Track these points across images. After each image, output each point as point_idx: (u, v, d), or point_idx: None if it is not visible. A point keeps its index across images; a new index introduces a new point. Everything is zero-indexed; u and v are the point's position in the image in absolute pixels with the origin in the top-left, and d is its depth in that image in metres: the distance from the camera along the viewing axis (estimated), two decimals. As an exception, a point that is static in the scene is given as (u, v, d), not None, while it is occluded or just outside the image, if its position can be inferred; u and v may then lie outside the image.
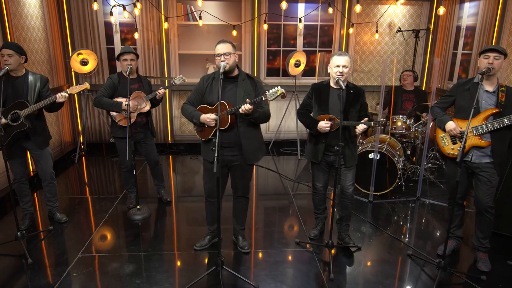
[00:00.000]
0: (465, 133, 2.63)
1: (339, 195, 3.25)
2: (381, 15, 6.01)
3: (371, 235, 3.61)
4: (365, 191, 4.40)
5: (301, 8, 5.93)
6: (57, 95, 3.19)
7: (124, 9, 5.26)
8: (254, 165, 3.20)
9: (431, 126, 4.56)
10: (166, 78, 5.90)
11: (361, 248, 3.34)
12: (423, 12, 6.09)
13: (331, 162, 3.21)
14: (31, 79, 3.24)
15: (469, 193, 3.22)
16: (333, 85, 3.13)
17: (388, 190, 4.35)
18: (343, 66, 2.96)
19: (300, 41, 6.14)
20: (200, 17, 5.59)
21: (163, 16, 5.66)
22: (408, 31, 5.95)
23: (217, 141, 2.55)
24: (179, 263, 3.11)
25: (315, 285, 2.86)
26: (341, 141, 2.85)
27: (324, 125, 3.00)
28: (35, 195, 4.33)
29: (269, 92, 2.74)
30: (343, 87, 2.81)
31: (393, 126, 4.75)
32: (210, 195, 3.21)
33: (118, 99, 3.70)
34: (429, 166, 5.02)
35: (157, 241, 3.45)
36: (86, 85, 3.36)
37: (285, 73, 6.16)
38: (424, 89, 6.20)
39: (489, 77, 2.84)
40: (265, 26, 5.79)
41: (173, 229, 3.76)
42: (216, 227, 3.30)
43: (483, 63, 2.82)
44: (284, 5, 5.28)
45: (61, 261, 3.08)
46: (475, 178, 2.97)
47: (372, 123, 2.96)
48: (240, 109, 2.76)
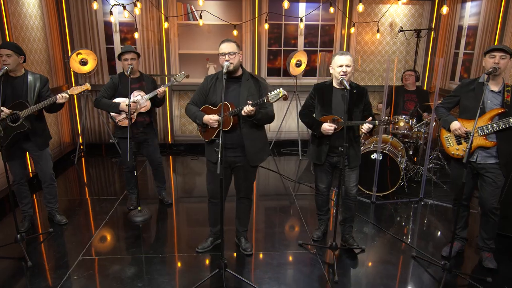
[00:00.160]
0: (472, 134, 2.60)
1: (343, 197, 3.22)
2: (382, 15, 5.98)
3: (374, 237, 3.58)
4: (368, 192, 4.37)
5: (302, 7, 5.90)
6: (58, 96, 3.14)
7: (124, 8, 5.22)
8: (257, 166, 3.16)
9: (434, 126, 4.53)
10: (166, 75, 5.85)
11: (365, 249, 3.31)
12: (424, 11, 6.06)
13: (335, 163, 3.18)
14: (30, 79, 3.20)
15: (472, 194, 3.18)
16: (335, 85, 3.09)
17: (390, 190, 4.32)
18: (346, 65, 2.93)
19: (301, 40, 6.11)
20: (200, 17, 5.55)
21: (163, 15, 5.61)
22: (410, 30, 5.92)
23: (220, 142, 2.52)
24: (181, 266, 3.07)
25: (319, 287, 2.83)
26: (345, 141, 2.81)
27: (328, 127, 2.96)
28: (34, 196, 4.28)
29: (270, 94, 2.70)
30: (348, 87, 2.78)
31: (395, 126, 4.72)
32: (213, 196, 3.17)
33: (118, 99, 3.69)
34: (431, 166, 4.99)
35: (158, 243, 3.41)
36: (87, 86, 3.31)
37: (286, 73, 6.13)
38: (425, 89, 6.18)
39: (494, 77, 2.81)
40: (266, 25, 5.75)
41: (175, 231, 3.72)
42: (218, 229, 3.27)
43: (489, 62, 2.79)
44: (286, 4, 5.24)
45: (62, 264, 3.03)
46: (480, 179, 2.95)
47: (377, 122, 2.93)
48: (242, 110, 2.72)
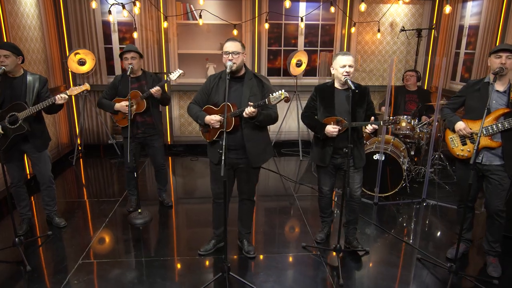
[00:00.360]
0: (479, 135, 2.57)
1: (346, 198, 3.18)
2: (383, 15, 5.94)
3: (378, 238, 3.54)
4: (370, 193, 4.34)
5: (302, 7, 5.86)
6: (57, 97, 3.08)
7: (123, 7, 5.15)
8: (260, 168, 3.12)
9: (436, 126, 4.49)
10: (163, 72, 5.79)
11: (369, 251, 3.27)
12: (425, 11, 6.04)
13: (338, 164, 3.13)
14: (29, 79, 3.13)
15: (477, 195, 3.15)
16: (337, 85, 3.05)
17: (393, 191, 4.29)
18: (349, 65, 2.90)
19: (301, 40, 6.06)
20: (200, 16, 5.50)
21: (163, 15, 5.55)
22: (411, 30, 5.88)
23: (223, 144, 2.47)
24: (183, 269, 3.02)
25: (324, 291, 2.79)
26: (350, 143, 2.77)
27: (332, 129, 2.92)
28: (32, 198, 4.21)
29: (272, 96, 2.66)
30: (353, 88, 2.73)
31: (397, 126, 4.69)
32: (217, 197, 3.13)
33: (117, 100, 3.69)
34: (433, 167, 4.96)
35: (159, 246, 3.36)
36: (86, 86, 3.26)
37: (286, 73, 6.09)
38: (426, 88, 6.15)
39: (500, 77, 2.78)
40: (266, 25, 5.70)
41: (176, 233, 3.67)
42: (221, 231, 3.22)
43: (495, 63, 2.76)
44: (287, 3, 5.20)
45: (61, 268, 2.97)
46: (485, 181, 2.91)
47: (381, 122, 2.89)
48: (243, 112, 2.68)
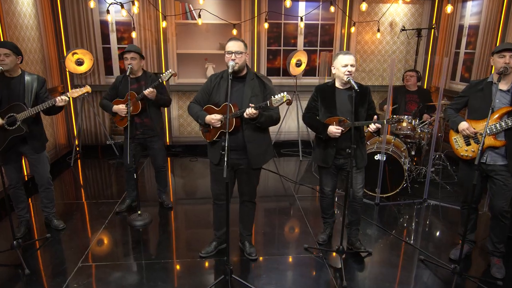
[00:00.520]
0: (484, 135, 2.55)
1: (349, 199, 3.14)
2: (382, 14, 5.93)
3: (380, 239, 3.51)
4: (371, 193, 4.31)
5: (302, 6, 5.83)
6: (57, 99, 3.03)
7: (122, 7, 5.11)
8: (260, 169, 3.08)
9: (438, 126, 4.48)
10: (159, 73, 5.74)
11: (371, 253, 3.24)
12: (424, 11, 6.02)
13: (340, 165, 3.11)
14: (27, 79, 3.08)
15: (481, 196, 3.13)
16: (338, 85, 3.03)
17: (394, 192, 4.27)
18: (351, 65, 2.88)
19: (300, 40, 6.04)
20: (199, 16, 5.46)
21: (161, 14, 5.51)
22: (412, 29, 5.86)
23: (226, 145, 2.44)
24: (184, 272, 2.98)
25: (327, 293, 2.76)
26: (353, 143, 2.75)
27: (335, 130, 2.89)
28: (30, 200, 4.15)
29: (274, 98, 2.63)
30: (356, 87, 2.71)
31: (398, 126, 4.67)
32: (217, 198, 3.09)
33: (116, 101, 3.68)
34: (434, 167, 4.95)
35: (160, 248, 3.31)
36: (87, 89, 3.22)
37: (286, 73, 6.06)
38: (425, 87, 6.13)
39: (504, 76, 2.77)
40: (266, 25, 5.67)
41: (176, 235, 3.62)
42: (223, 233, 3.19)
43: (499, 62, 2.75)
44: (288, 3, 5.18)
45: (60, 271, 2.92)
46: (489, 181, 2.90)
47: (385, 121, 2.87)
48: (244, 113, 2.64)
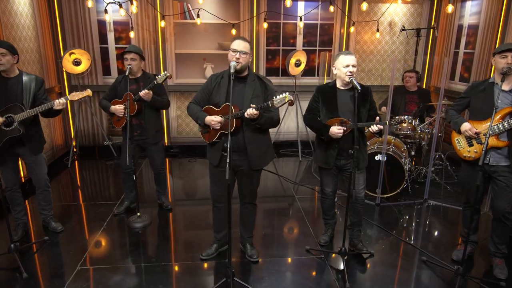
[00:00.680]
0: (487, 135, 2.53)
1: (352, 200, 3.12)
2: (381, 14, 5.91)
3: (381, 240, 3.49)
4: (372, 194, 4.29)
5: (301, 6, 5.81)
6: (55, 103, 2.99)
7: (120, 6, 5.06)
8: (261, 170, 3.05)
9: (438, 126, 4.47)
10: (157, 75, 5.68)
11: (374, 254, 3.22)
12: (423, 10, 6.02)
13: (342, 166, 3.09)
14: (25, 80, 3.03)
15: (483, 197, 3.12)
16: (340, 86, 3.00)
17: (395, 192, 4.25)
18: (352, 65, 2.85)
19: (300, 40, 6.01)
20: (198, 15, 5.42)
21: (160, 14, 5.46)
22: (412, 29, 5.85)
23: (228, 146, 2.40)
24: (185, 274, 2.94)
25: (330, 295, 2.73)
26: (356, 144, 2.72)
27: (336, 130, 2.86)
28: (27, 202, 4.09)
29: (276, 98, 2.60)
30: (358, 88, 2.68)
31: (398, 126, 4.65)
32: (217, 200, 3.05)
33: (114, 101, 3.66)
34: (433, 167, 4.94)
35: (160, 251, 3.27)
36: (88, 92, 3.16)
37: (285, 73, 6.03)
38: (424, 87, 6.13)
39: (506, 76, 2.75)
40: (265, 24, 5.64)
41: (176, 237, 3.58)
42: (223, 235, 3.16)
43: (500, 63, 2.74)
44: (288, 2, 5.15)
45: (59, 275, 2.88)
46: (492, 182, 2.88)
47: (387, 122, 2.85)
48: (245, 113, 2.61)
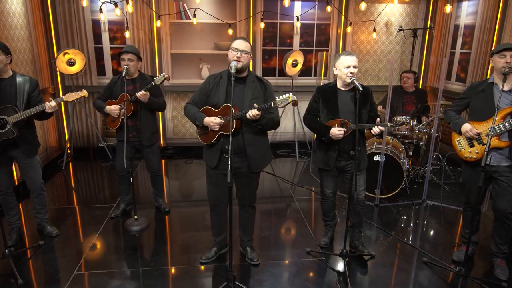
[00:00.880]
0: (490, 136, 2.52)
1: (353, 202, 3.09)
2: (378, 14, 5.91)
3: (382, 241, 3.47)
4: (370, 195, 4.27)
5: (298, 6, 5.78)
6: (46, 106, 2.92)
7: (116, 6, 4.99)
8: (260, 172, 3.01)
9: (437, 126, 4.47)
10: (153, 76, 5.63)
11: (374, 255, 3.20)
12: (419, 11, 6.02)
13: (342, 167, 3.06)
14: (19, 81, 2.95)
15: (484, 197, 3.12)
16: (340, 86, 2.98)
17: (394, 193, 4.24)
18: (353, 66, 2.83)
19: (296, 40, 5.98)
20: (194, 15, 5.37)
21: (155, 14, 5.39)
22: (409, 29, 5.85)
23: (230, 148, 2.36)
24: (184, 279, 2.89)
25: (332, 298, 2.70)
26: (357, 145, 2.69)
27: (337, 132, 2.83)
28: (20, 205, 4.00)
29: (278, 98, 2.56)
30: (360, 89, 2.66)
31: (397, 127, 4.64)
32: (215, 204, 3.01)
33: (109, 102, 3.59)
34: (431, 167, 4.94)
35: (158, 255, 3.21)
36: (83, 93, 3.09)
37: (281, 73, 6.00)
38: (420, 87, 6.13)
39: (507, 76, 2.75)
40: (262, 24, 5.60)
41: (175, 240, 3.52)
42: (222, 238, 3.12)
43: (499, 62, 2.73)
44: (286, 2, 5.12)
45: (55, 280, 2.81)
46: (493, 182, 2.87)
47: (389, 124, 2.83)
48: (247, 114, 2.57)
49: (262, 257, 3.14)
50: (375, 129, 2.78)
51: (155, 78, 3.46)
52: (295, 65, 5.59)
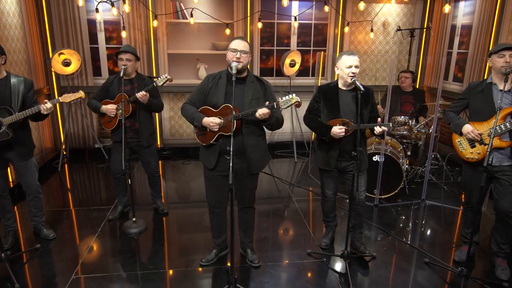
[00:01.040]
0: (492, 136, 2.51)
1: (355, 203, 3.07)
2: (375, 14, 5.90)
3: (383, 242, 3.46)
4: (370, 195, 4.26)
5: (295, 6, 5.76)
6: (42, 108, 2.87)
7: (112, 5, 4.93)
8: (259, 173, 2.98)
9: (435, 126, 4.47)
10: (153, 76, 5.58)
11: (376, 256, 3.18)
12: (416, 11, 6.03)
13: (343, 168, 3.04)
14: (14, 82, 2.89)
15: (484, 197, 3.12)
16: (341, 86, 2.96)
17: (393, 193, 4.23)
18: (355, 66, 2.81)
19: (294, 40, 5.96)
20: (191, 15, 5.32)
21: (152, 13, 5.34)
22: (407, 29, 5.85)
23: (231, 149, 2.33)
24: (184, 282, 2.85)
25: (334, 300, 2.68)
26: (359, 145, 2.68)
27: (338, 130, 2.81)
28: (16, 208, 3.93)
29: (281, 99, 2.54)
30: (362, 89, 2.64)
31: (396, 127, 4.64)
32: (214, 206, 2.97)
33: (106, 102, 3.54)
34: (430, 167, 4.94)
35: (158, 257, 3.17)
36: (81, 94, 3.04)
37: (279, 73, 5.98)
38: (418, 87, 6.14)
39: (506, 76, 2.74)
40: (259, 24, 5.57)
41: (174, 242, 3.47)
42: (223, 240, 3.10)
43: (499, 62, 2.73)
44: (285, 2, 5.10)
45: (53, 284, 2.76)
46: (495, 182, 2.87)
47: (391, 124, 2.81)
48: (256, 113, 2.54)
49: (262, 259, 3.10)
50: (378, 129, 2.77)
51: (157, 78, 3.42)
52: (293, 65, 5.57)
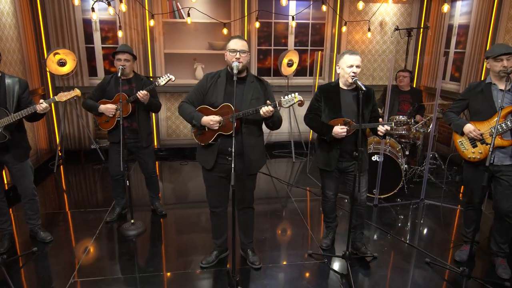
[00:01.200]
0: (494, 136, 2.51)
1: (356, 203, 3.05)
2: (373, 14, 5.90)
3: (382, 242, 3.45)
4: (369, 195, 4.24)
5: (293, 5, 5.74)
6: (37, 107, 2.82)
7: (109, 4, 4.88)
8: (257, 174, 2.95)
9: (434, 126, 4.47)
10: (152, 77, 5.54)
11: (377, 257, 3.17)
12: (413, 10, 6.04)
13: (344, 168, 3.02)
14: (8, 82, 2.84)
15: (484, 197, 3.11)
16: (343, 86, 2.94)
17: (392, 192, 4.23)
18: (356, 66, 2.79)
19: (291, 39, 5.94)
20: (188, 14, 5.28)
21: (149, 13, 5.29)
22: (405, 29, 5.85)
23: (233, 150, 2.30)
24: (184, 284, 2.81)
25: (336, 302, 2.66)
26: (360, 146, 2.66)
27: (340, 130, 2.79)
28: (11, 211, 3.86)
29: (284, 98, 2.53)
30: (363, 89, 2.62)
31: (394, 126, 4.63)
32: (214, 206, 2.94)
33: (103, 102, 3.48)
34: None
35: (156, 260, 3.13)
36: (76, 92, 2.99)
37: (276, 73, 5.95)
38: (415, 86, 6.15)
39: (504, 77, 2.75)
40: (257, 24, 5.54)
41: (173, 244, 3.43)
42: (223, 241, 3.06)
43: (497, 66, 2.75)
44: (284, 1, 5.08)
45: (50, 289, 2.72)
46: (495, 181, 2.87)
47: (393, 123, 2.80)
48: (261, 111, 2.52)
49: (263, 260, 3.08)
50: (381, 129, 2.74)
51: (159, 78, 3.38)
52: (290, 65, 5.55)
